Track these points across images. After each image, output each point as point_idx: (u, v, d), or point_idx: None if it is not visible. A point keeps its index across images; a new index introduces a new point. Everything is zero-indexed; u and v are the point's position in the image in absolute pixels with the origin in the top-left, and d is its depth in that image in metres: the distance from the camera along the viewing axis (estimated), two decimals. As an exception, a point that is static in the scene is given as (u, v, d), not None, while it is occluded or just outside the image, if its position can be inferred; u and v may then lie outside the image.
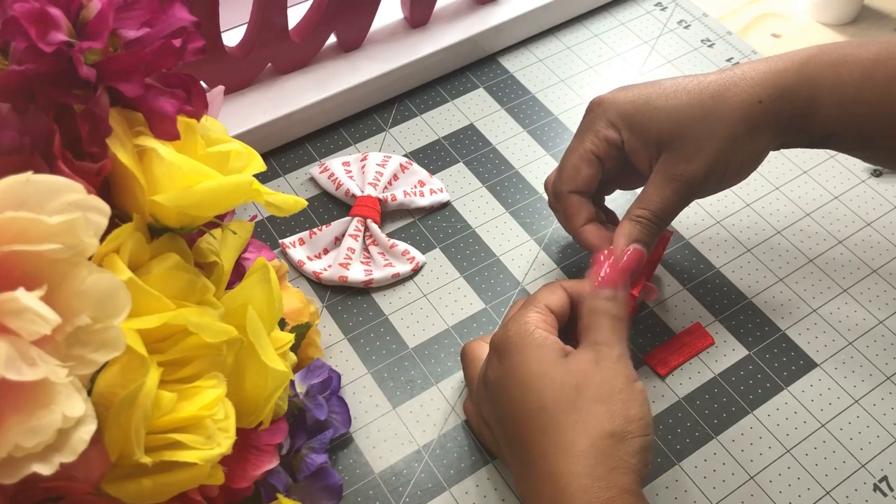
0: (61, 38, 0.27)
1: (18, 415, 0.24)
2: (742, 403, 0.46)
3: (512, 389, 0.37)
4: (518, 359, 0.38)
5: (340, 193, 0.54)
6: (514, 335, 0.39)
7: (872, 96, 0.42)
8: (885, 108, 0.42)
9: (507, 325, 0.40)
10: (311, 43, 0.57)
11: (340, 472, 0.43)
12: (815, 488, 0.43)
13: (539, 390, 0.36)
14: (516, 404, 0.37)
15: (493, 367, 0.39)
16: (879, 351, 0.48)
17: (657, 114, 0.43)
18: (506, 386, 0.38)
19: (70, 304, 0.25)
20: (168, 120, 0.31)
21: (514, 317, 0.40)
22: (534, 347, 0.38)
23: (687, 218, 0.54)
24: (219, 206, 0.31)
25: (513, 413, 0.37)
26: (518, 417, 0.37)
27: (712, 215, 0.54)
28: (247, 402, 0.34)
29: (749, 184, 0.56)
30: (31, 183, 0.25)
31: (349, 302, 0.50)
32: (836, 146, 0.45)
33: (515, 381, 0.37)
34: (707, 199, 0.55)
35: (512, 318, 0.40)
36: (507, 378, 0.38)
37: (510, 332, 0.39)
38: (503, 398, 0.38)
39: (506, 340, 0.39)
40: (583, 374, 0.37)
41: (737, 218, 0.54)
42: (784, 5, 0.69)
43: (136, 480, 0.29)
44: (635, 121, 0.43)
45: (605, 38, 0.66)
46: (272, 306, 0.34)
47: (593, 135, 0.45)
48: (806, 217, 0.55)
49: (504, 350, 0.39)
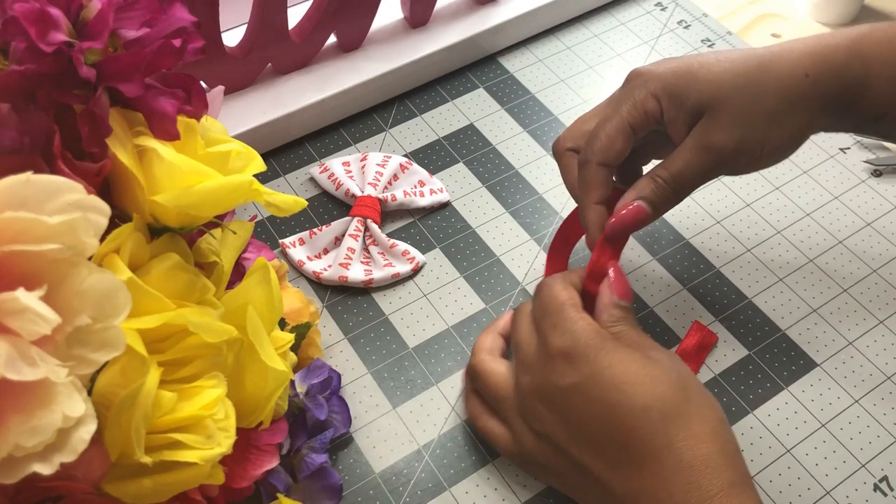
0: (61, 38, 0.27)
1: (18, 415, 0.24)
2: (742, 403, 0.46)
3: (607, 391, 0.37)
4: (607, 361, 0.37)
5: (340, 193, 0.54)
6: (589, 338, 0.38)
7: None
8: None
9: (568, 328, 0.39)
10: (311, 43, 0.57)
11: (340, 471, 0.43)
12: (815, 488, 0.43)
13: (649, 386, 0.36)
14: (618, 402, 0.36)
15: (565, 374, 0.38)
16: (879, 351, 0.48)
17: (698, 82, 0.41)
18: (593, 387, 0.37)
19: (70, 304, 0.25)
20: (168, 120, 0.31)
21: (569, 318, 0.39)
22: (619, 348, 0.38)
23: (687, 218, 0.54)
24: (219, 206, 0.31)
25: (610, 413, 0.36)
26: (623, 417, 0.36)
27: (712, 215, 0.54)
28: (247, 402, 0.34)
29: (749, 184, 0.56)
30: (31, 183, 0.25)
31: (349, 302, 0.50)
32: (885, 130, 0.43)
33: (612, 381, 0.37)
34: (707, 199, 0.55)
35: (567, 320, 0.39)
36: (595, 380, 0.37)
37: (582, 337, 0.38)
38: (591, 401, 0.37)
39: (581, 345, 0.38)
40: (676, 369, 0.38)
41: (737, 218, 0.54)
42: (784, 5, 0.69)
43: (137, 480, 0.29)
44: (676, 89, 0.41)
45: (605, 38, 0.66)
46: (272, 306, 0.34)
47: (631, 105, 0.42)
48: (806, 217, 0.55)
49: (581, 355, 0.38)
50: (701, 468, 0.34)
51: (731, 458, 0.35)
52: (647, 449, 0.35)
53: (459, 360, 0.48)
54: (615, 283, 0.41)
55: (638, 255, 0.52)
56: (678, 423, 0.36)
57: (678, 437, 0.35)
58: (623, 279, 0.41)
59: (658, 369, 0.37)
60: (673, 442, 0.35)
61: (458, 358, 0.48)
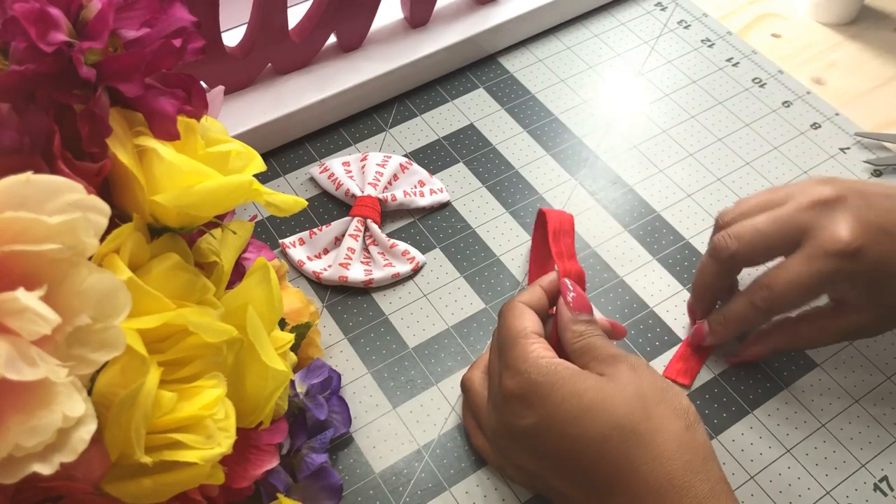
0: (61, 38, 0.27)
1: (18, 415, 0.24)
2: (742, 403, 0.46)
3: (565, 425, 0.36)
4: (559, 396, 0.36)
5: (340, 193, 0.54)
6: (539, 375, 0.37)
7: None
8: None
9: (519, 367, 0.38)
10: (311, 43, 0.57)
11: (340, 471, 0.43)
12: (815, 488, 0.43)
13: (606, 411, 0.36)
14: (578, 436, 0.36)
15: (523, 415, 0.37)
16: (879, 351, 0.48)
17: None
18: (552, 425, 0.37)
19: (70, 304, 0.25)
20: (168, 120, 0.31)
21: (519, 356, 0.38)
22: (571, 378, 0.37)
23: (687, 218, 0.54)
24: (219, 206, 0.31)
25: (573, 448, 0.36)
26: (584, 447, 0.36)
27: (712, 216, 0.54)
28: (247, 402, 0.34)
29: (749, 183, 0.56)
30: (31, 183, 0.25)
31: (349, 302, 0.50)
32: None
33: (568, 416, 0.36)
34: (708, 199, 0.55)
35: (517, 358, 0.38)
36: (552, 418, 0.37)
37: (532, 376, 0.37)
38: (554, 439, 0.37)
39: (532, 385, 0.37)
40: (634, 383, 0.37)
41: (737, 218, 0.54)
42: (784, 5, 0.69)
43: (137, 480, 0.29)
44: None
45: (605, 38, 0.66)
46: (272, 306, 0.34)
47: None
48: (806, 217, 0.55)
49: (534, 394, 0.37)
50: (668, 488, 0.34)
51: (697, 471, 0.35)
52: (615, 476, 0.35)
53: (459, 360, 0.48)
54: (572, 301, 0.41)
55: (638, 254, 0.52)
56: (639, 447, 0.35)
57: (641, 460, 0.35)
58: (578, 294, 0.41)
59: (613, 389, 0.36)
60: (637, 466, 0.35)
61: (458, 358, 0.48)
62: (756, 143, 0.59)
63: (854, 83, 0.63)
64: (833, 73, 0.64)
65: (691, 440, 0.35)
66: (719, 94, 0.62)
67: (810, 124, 0.60)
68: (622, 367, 0.38)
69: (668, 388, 0.37)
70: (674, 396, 0.37)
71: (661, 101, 0.61)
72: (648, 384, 0.37)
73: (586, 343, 0.39)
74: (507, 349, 0.39)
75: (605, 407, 0.36)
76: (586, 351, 0.39)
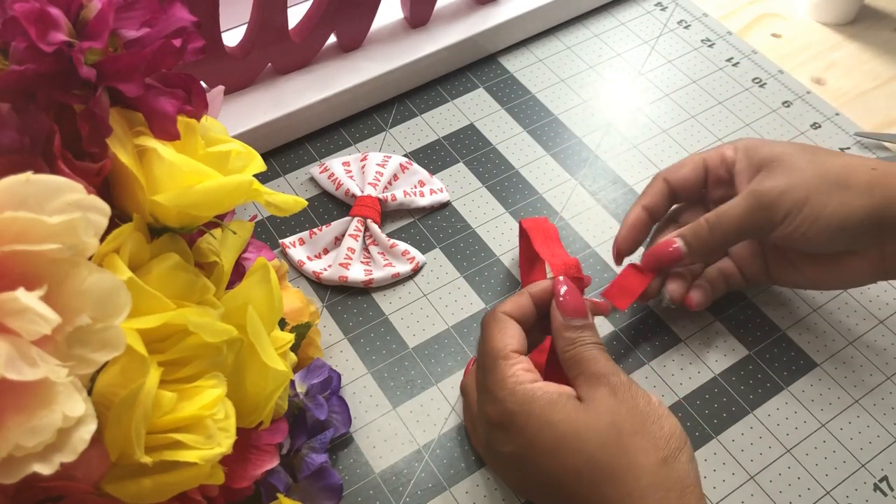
0: (61, 38, 0.27)
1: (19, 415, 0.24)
2: (742, 403, 0.46)
3: (541, 457, 0.36)
4: (535, 427, 0.36)
5: (340, 193, 0.54)
6: (515, 405, 0.36)
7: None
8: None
9: (497, 395, 0.37)
10: (311, 43, 0.57)
11: (340, 471, 0.43)
12: (815, 488, 0.43)
13: (579, 445, 0.35)
14: (553, 469, 0.36)
15: (504, 442, 0.37)
16: (879, 351, 0.48)
17: (772, 145, 0.44)
18: (530, 456, 0.36)
19: (70, 304, 0.25)
20: (168, 120, 0.31)
21: (497, 382, 0.37)
22: (546, 408, 0.36)
23: (687, 218, 0.54)
24: (219, 206, 0.31)
25: (551, 477, 0.36)
26: (561, 480, 0.35)
27: (712, 215, 0.54)
28: (247, 402, 0.34)
29: (749, 184, 0.56)
30: (31, 183, 0.25)
31: (349, 302, 0.50)
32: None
33: (543, 448, 0.36)
34: (707, 198, 0.55)
35: (496, 384, 0.37)
36: (530, 449, 0.36)
37: (508, 405, 0.37)
38: (532, 467, 0.36)
39: (508, 415, 0.37)
40: (611, 411, 0.36)
41: (737, 218, 0.54)
42: (784, 5, 0.69)
43: (137, 480, 0.29)
44: (752, 146, 0.44)
45: (605, 38, 0.66)
46: (272, 306, 0.34)
47: (713, 150, 0.46)
48: (806, 217, 0.55)
49: (512, 424, 0.37)
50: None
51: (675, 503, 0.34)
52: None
53: (459, 360, 0.48)
54: (563, 302, 0.40)
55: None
56: (612, 484, 0.34)
57: (613, 498, 0.34)
58: (571, 291, 0.40)
59: (587, 420, 0.35)
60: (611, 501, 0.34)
61: (458, 358, 0.48)
62: (756, 143, 0.59)
63: (854, 83, 0.63)
64: (833, 73, 0.64)
65: (666, 476, 0.34)
66: (719, 94, 0.62)
67: (810, 124, 0.60)
68: (602, 392, 0.36)
69: (647, 415, 0.36)
70: (653, 423, 0.35)
71: (661, 101, 0.61)
72: (627, 412, 0.36)
73: (576, 354, 0.38)
74: (487, 371, 0.38)
75: (578, 438, 0.35)
76: (575, 363, 0.38)
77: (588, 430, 0.35)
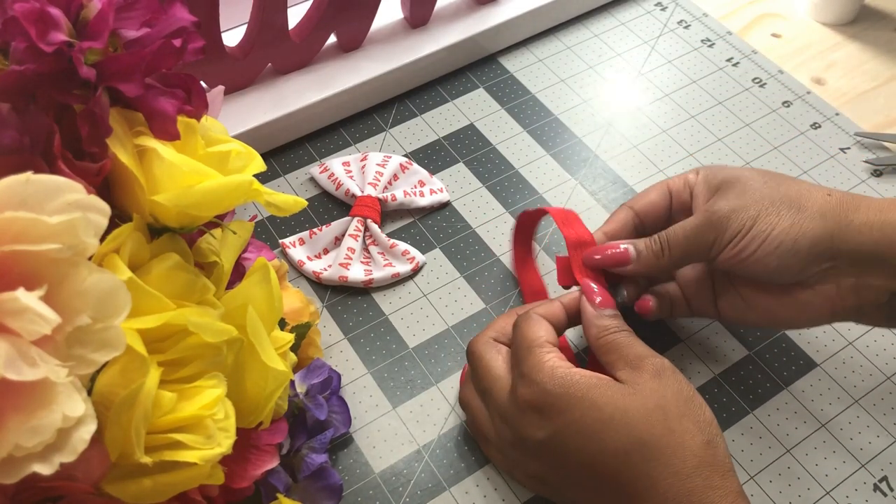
0: (61, 38, 0.27)
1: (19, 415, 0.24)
2: (742, 403, 0.46)
3: (583, 439, 0.36)
4: (578, 409, 0.36)
5: (340, 193, 0.54)
6: (555, 387, 0.37)
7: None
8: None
9: (535, 377, 0.37)
10: (311, 43, 0.57)
11: (340, 471, 0.43)
12: (815, 488, 0.43)
13: (626, 427, 0.35)
14: (596, 450, 0.36)
15: (538, 426, 0.37)
16: (879, 351, 0.48)
17: (731, 170, 0.43)
18: (570, 439, 0.36)
19: (70, 304, 0.25)
20: (168, 120, 0.31)
21: (534, 366, 0.38)
22: (591, 390, 0.36)
23: (687, 218, 0.54)
24: (219, 206, 0.31)
25: (591, 461, 0.36)
26: (603, 463, 0.36)
27: (712, 215, 0.54)
28: (247, 402, 0.34)
29: (749, 184, 0.56)
30: (31, 183, 0.25)
31: (349, 302, 0.50)
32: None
33: (588, 430, 0.36)
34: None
35: (532, 368, 0.38)
36: (568, 431, 0.36)
37: (548, 387, 0.37)
38: (571, 451, 0.36)
39: (548, 396, 0.37)
40: (657, 394, 0.36)
41: (737, 218, 0.54)
42: (784, 5, 0.69)
43: (137, 480, 0.29)
44: (712, 171, 0.44)
45: (605, 38, 0.66)
46: (272, 306, 0.34)
47: (677, 176, 0.46)
48: (806, 217, 0.55)
49: (550, 406, 0.37)
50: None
51: (717, 487, 0.34)
52: (634, 490, 0.35)
53: (459, 360, 0.48)
54: (595, 295, 0.41)
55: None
56: (660, 463, 0.35)
57: (661, 476, 0.35)
58: (601, 290, 0.41)
59: (634, 401, 0.36)
60: (657, 482, 0.35)
61: (458, 358, 0.48)
62: (756, 143, 0.59)
63: (854, 83, 0.63)
64: (833, 73, 0.64)
65: (712, 456, 0.35)
66: (719, 94, 0.62)
67: (810, 124, 0.60)
68: (645, 376, 0.37)
69: (692, 399, 0.37)
70: (697, 407, 0.36)
71: (661, 101, 0.61)
72: (672, 395, 0.36)
73: (612, 340, 0.39)
74: (521, 358, 0.39)
75: (625, 421, 0.35)
76: (612, 349, 0.39)
77: (636, 411, 0.36)
